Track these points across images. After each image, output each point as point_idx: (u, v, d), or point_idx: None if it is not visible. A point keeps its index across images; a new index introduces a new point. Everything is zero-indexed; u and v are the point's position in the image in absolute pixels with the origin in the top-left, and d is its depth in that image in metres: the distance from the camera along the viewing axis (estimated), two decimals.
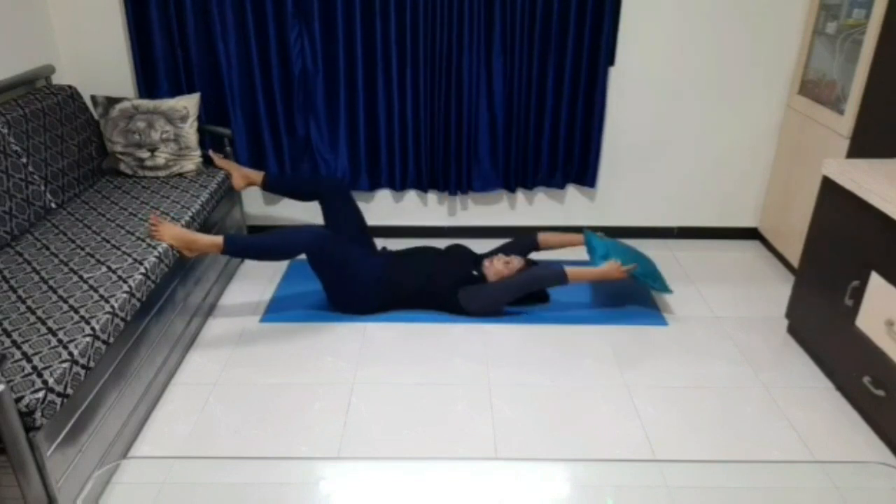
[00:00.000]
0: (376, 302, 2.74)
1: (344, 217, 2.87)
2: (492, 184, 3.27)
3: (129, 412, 2.03)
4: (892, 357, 1.98)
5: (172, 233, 2.39)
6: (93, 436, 1.82)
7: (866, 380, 2.09)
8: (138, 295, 2.08)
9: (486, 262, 2.76)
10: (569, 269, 2.64)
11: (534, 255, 2.99)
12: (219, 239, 2.46)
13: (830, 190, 2.30)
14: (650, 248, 3.37)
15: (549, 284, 2.68)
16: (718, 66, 3.11)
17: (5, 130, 2.46)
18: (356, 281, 2.67)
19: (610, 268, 2.65)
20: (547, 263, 2.76)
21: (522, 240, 2.93)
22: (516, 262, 2.74)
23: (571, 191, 3.39)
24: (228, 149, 3.10)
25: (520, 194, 3.40)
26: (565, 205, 3.42)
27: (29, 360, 1.68)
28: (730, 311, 2.81)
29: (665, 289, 2.76)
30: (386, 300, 2.74)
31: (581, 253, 3.01)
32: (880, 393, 2.03)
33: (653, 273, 2.76)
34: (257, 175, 2.97)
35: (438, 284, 2.70)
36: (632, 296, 2.91)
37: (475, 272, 2.75)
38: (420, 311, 2.75)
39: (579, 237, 2.89)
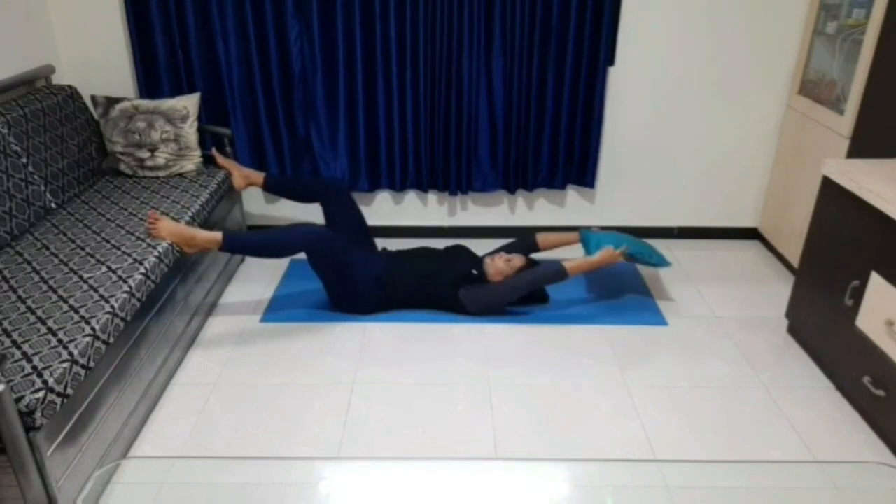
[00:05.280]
0: (376, 302, 2.74)
1: (344, 218, 2.87)
2: (491, 184, 3.27)
3: (129, 412, 2.03)
4: (892, 357, 1.98)
5: (170, 229, 2.39)
6: (93, 436, 1.82)
7: (866, 380, 2.09)
8: (138, 295, 2.08)
9: (488, 261, 2.77)
10: (567, 264, 2.65)
11: (534, 256, 2.99)
12: (218, 235, 2.46)
13: (830, 190, 2.30)
14: None
15: (549, 281, 2.69)
16: (718, 66, 3.11)
17: (5, 130, 2.46)
18: (356, 281, 2.67)
19: (605, 254, 2.69)
20: (546, 262, 2.77)
21: (522, 241, 2.94)
22: (517, 260, 2.74)
23: (571, 191, 3.39)
24: (228, 149, 3.10)
25: (520, 195, 3.40)
26: (565, 205, 3.42)
27: (29, 360, 1.68)
28: (730, 311, 2.81)
29: (663, 262, 2.76)
30: (386, 300, 2.74)
31: (580, 251, 3.00)
32: (880, 393, 2.03)
33: (647, 251, 2.77)
34: (258, 176, 2.97)
35: (439, 284, 2.70)
36: (631, 295, 2.91)
37: (475, 271, 2.75)
38: (420, 311, 2.75)
39: (576, 235, 2.90)
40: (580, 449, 2.06)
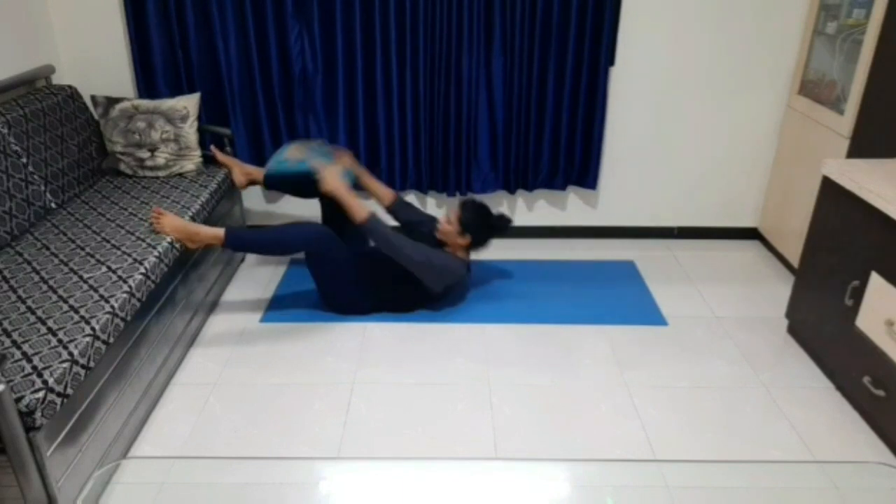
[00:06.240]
0: (371, 302, 2.74)
1: (341, 214, 2.86)
2: (491, 185, 3.27)
3: (129, 412, 2.03)
4: (892, 357, 1.98)
5: (174, 224, 2.39)
6: (93, 436, 1.82)
7: (866, 380, 2.09)
8: (138, 295, 2.08)
9: (437, 234, 2.77)
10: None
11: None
12: (220, 231, 2.46)
13: (830, 190, 2.29)
14: (650, 249, 3.37)
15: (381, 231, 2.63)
16: (718, 66, 3.10)
17: (5, 130, 2.46)
18: (350, 280, 2.66)
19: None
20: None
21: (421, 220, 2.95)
22: (453, 214, 2.73)
23: (571, 191, 3.39)
24: (228, 149, 3.10)
25: (520, 196, 3.40)
26: (566, 206, 3.42)
27: (29, 360, 1.68)
28: (730, 311, 2.80)
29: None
30: (381, 299, 2.73)
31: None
32: (880, 393, 2.03)
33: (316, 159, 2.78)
34: (259, 172, 2.97)
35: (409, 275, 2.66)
36: (631, 295, 2.91)
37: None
38: (418, 312, 2.75)
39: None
40: (580, 449, 2.06)
